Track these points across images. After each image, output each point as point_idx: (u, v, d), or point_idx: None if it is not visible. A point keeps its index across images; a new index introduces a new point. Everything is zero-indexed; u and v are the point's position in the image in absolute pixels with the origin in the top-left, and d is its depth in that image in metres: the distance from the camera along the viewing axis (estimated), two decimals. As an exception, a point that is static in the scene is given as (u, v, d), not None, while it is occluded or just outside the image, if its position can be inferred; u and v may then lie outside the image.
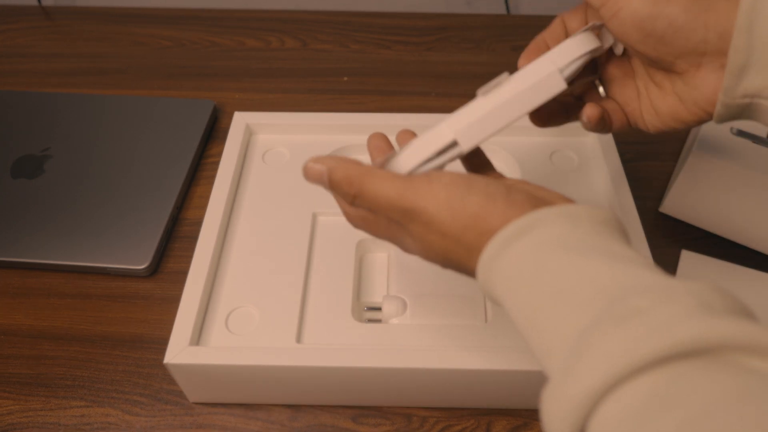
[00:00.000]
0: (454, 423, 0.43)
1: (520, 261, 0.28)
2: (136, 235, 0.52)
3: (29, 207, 0.54)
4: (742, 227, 0.50)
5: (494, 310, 0.43)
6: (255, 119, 0.56)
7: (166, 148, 0.59)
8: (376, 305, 0.45)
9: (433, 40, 0.75)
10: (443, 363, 0.39)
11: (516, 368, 0.39)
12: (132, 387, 0.45)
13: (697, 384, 0.20)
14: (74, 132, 0.60)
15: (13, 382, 0.45)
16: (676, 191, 0.51)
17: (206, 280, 0.44)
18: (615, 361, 0.21)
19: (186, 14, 0.78)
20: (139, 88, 0.68)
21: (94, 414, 0.44)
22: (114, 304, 0.49)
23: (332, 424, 0.43)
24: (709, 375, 0.20)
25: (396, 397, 0.43)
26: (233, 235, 0.49)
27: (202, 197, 0.57)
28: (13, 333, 0.48)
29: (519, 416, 0.43)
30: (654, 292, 0.23)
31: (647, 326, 0.22)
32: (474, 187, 0.30)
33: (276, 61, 0.72)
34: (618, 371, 0.21)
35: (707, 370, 0.20)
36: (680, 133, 0.61)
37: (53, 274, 0.51)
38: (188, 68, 0.71)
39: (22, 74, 0.71)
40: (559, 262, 0.27)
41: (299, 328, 0.43)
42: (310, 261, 0.47)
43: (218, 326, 0.43)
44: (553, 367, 0.25)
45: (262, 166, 0.54)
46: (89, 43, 0.75)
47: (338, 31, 0.76)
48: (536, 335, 0.27)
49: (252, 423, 0.43)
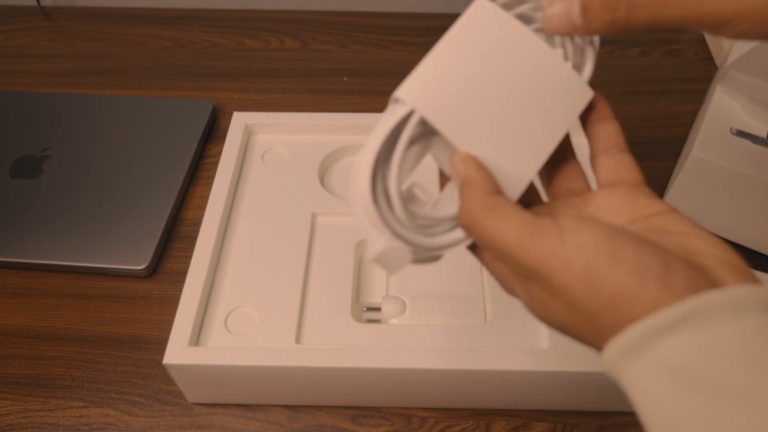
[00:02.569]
0: (454, 423, 0.43)
1: (663, 366, 0.22)
2: (135, 235, 0.52)
3: (28, 207, 0.54)
4: (742, 227, 0.50)
5: (494, 310, 0.43)
6: (254, 119, 0.56)
7: (165, 149, 0.59)
8: (376, 305, 0.45)
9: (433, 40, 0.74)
10: (443, 363, 0.39)
11: (516, 368, 0.39)
12: (131, 387, 0.45)
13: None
14: (73, 132, 0.60)
15: (11, 383, 0.45)
16: (676, 191, 0.51)
17: (205, 281, 0.44)
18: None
19: (186, 14, 0.78)
20: (138, 88, 0.68)
21: (93, 414, 0.43)
22: (113, 305, 0.49)
23: (331, 424, 0.43)
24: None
25: (395, 398, 0.43)
26: (232, 235, 0.49)
27: (202, 197, 0.57)
28: (12, 333, 0.48)
29: (518, 416, 0.43)
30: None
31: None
32: (621, 258, 0.23)
33: (276, 61, 0.72)
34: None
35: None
36: (680, 133, 0.61)
37: (52, 275, 0.51)
38: (188, 68, 0.71)
39: (22, 74, 0.70)
40: (741, 385, 0.20)
41: (298, 328, 0.43)
42: (310, 261, 0.47)
43: (217, 327, 0.43)
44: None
45: (261, 166, 0.54)
46: (89, 43, 0.75)
47: (338, 31, 0.76)
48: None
49: (251, 423, 0.43)
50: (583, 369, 0.39)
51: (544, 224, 0.25)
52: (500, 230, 0.25)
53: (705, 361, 0.21)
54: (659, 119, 0.63)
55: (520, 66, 0.28)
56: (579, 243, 0.24)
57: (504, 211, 0.26)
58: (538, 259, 0.24)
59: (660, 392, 0.22)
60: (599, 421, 0.43)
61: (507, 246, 0.25)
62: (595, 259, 0.23)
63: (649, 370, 0.22)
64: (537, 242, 0.24)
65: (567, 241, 0.24)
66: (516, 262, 0.25)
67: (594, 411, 0.43)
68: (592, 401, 0.42)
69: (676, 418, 0.21)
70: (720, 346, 0.21)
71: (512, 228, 0.25)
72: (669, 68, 0.70)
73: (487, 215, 0.26)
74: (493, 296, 0.44)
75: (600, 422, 0.43)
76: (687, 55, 0.71)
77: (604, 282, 0.23)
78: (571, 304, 0.24)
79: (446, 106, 0.27)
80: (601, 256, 0.23)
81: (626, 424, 0.43)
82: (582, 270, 0.23)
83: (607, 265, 0.23)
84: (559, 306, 0.25)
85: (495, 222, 0.25)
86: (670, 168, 0.58)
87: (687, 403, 0.21)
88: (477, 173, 0.27)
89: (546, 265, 0.24)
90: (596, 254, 0.23)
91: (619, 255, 0.23)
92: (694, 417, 0.21)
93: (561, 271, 0.24)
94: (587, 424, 0.43)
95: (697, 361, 0.21)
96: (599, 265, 0.23)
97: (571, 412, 0.43)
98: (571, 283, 0.23)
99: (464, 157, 0.27)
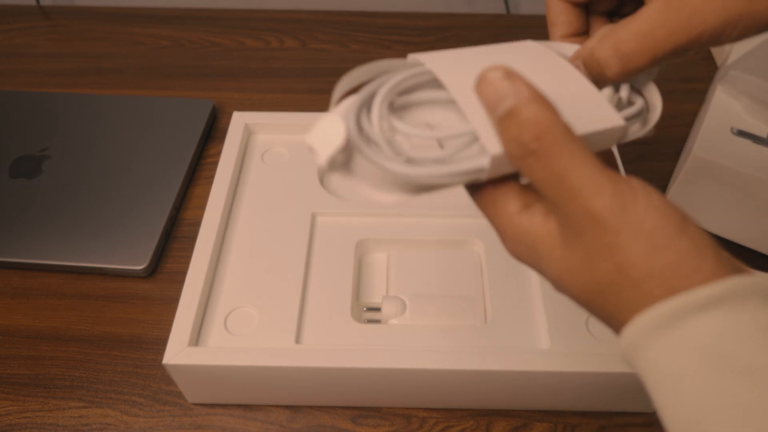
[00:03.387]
0: (454, 424, 0.43)
1: (693, 344, 0.21)
2: (135, 235, 0.52)
3: (28, 207, 0.54)
4: (741, 227, 0.50)
5: (494, 310, 0.43)
6: (254, 119, 0.56)
7: (164, 148, 0.59)
8: (376, 306, 0.45)
9: (433, 40, 0.75)
10: (443, 363, 0.39)
11: (516, 368, 0.39)
12: (130, 388, 0.45)
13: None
14: (73, 132, 0.60)
15: (11, 383, 0.45)
16: (676, 191, 0.51)
17: (205, 281, 0.44)
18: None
19: (185, 14, 0.78)
20: (138, 87, 0.68)
21: (93, 415, 0.43)
22: (113, 305, 0.49)
23: (331, 424, 0.43)
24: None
25: (395, 398, 0.43)
26: (232, 235, 0.49)
27: (201, 197, 0.57)
28: (12, 333, 0.48)
29: (519, 417, 0.43)
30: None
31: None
32: (688, 228, 0.22)
33: (275, 60, 0.72)
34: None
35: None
36: (680, 132, 0.61)
37: (52, 275, 0.51)
38: (187, 68, 0.71)
39: (21, 74, 0.70)
40: (753, 362, 0.20)
41: (298, 328, 0.43)
42: (309, 261, 0.47)
43: (217, 327, 0.43)
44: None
45: (261, 166, 0.54)
46: (88, 43, 0.75)
47: (338, 31, 0.76)
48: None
49: (251, 424, 0.43)
50: (583, 369, 0.39)
51: (615, 174, 0.23)
52: (577, 166, 0.22)
53: (739, 342, 0.20)
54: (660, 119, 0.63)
55: (552, 77, 0.27)
56: (651, 203, 0.22)
57: (579, 146, 0.23)
58: (609, 207, 0.22)
59: (689, 372, 0.21)
60: (600, 422, 0.43)
61: (579, 185, 0.22)
62: (665, 222, 0.22)
63: (679, 348, 0.21)
64: (611, 189, 0.22)
65: (639, 198, 0.22)
66: (581, 207, 0.23)
67: (594, 411, 0.43)
68: (593, 401, 0.42)
69: (705, 399, 0.20)
70: (753, 328, 0.21)
71: (588, 166, 0.22)
72: (670, 68, 0.69)
73: (566, 144, 0.23)
74: (493, 296, 0.44)
75: (600, 422, 0.43)
76: (688, 55, 0.71)
77: (669, 247, 0.22)
78: (622, 265, 0.22)
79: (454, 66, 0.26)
80: (671, 222, 0.22)
81: (627, 424, 0.43)
82: (651, 230, 0.22)
83: (676, 232, 0.22)
84: (608, 265, 0.23)
85: (572, 154, 0.23)
86: (671, 168, 0.58)
87: (717, 382, 0.20)
88: (533, 91, 0.23)
89: (616, 217, 0.22)
90: (666, 218, 0.22)
91: (687, 225, 0.22)
92: (724, 398, 0.20)
93: (629, 226, 0.22)
94: (588, 425, 0.43)
95: (731, 342, 0.21)
96: (668, 230, 0.22)
97: (572, 413, 0.43)
98: (635, 242, 0.22)
99: (507, 72, 0.24)
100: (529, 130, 0.23)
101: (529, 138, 0.23)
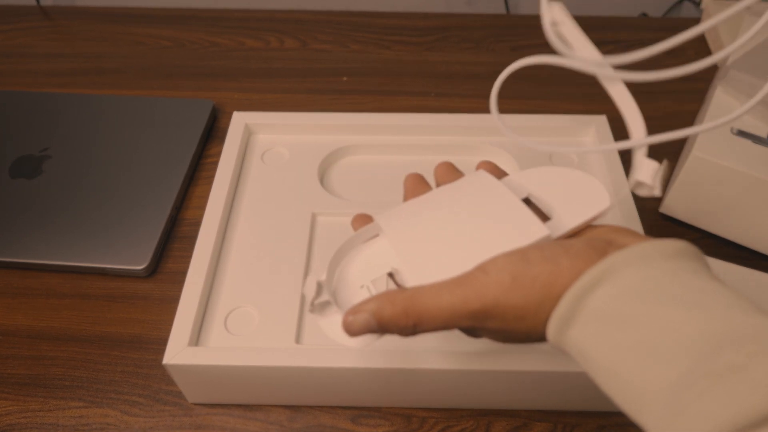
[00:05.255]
0: (454, 424, 0.43)
1: (595, 318, 0.26)
2: (135, 235, 0.52)
3: (28, 207, 0.54)
4: (742, 227, 0.50)
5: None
6: (254, 119, 0.56)
7: (165, 148, 0.59)
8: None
9: (432, 40, 0.75)
10: (443, 363, 0.39)
11: (516, 368, 0.39)
12: (131, 387, 0.45)
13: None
14: (73, 132, 0.60)
15: (11, 383, 0.45)
16: (676, 191, 0.51)
17: (205, 281, 0.44)
18: (716, 423, 0.21)
19: (185, 14, 0.78)
20: (138, 88, 0.68)
21: (93, 415, 0.43)
22: (113, 305, 0.49)
23: (331, 424, 0.43)
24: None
25: (395, 398, 0.43)
26: (232, 235, 0.49)
27: (201, 197, 0.57)
28: (12, 333, 0.48)
29: (518, 417, 0.43)
30: (748, 345, 0.22)
31: (747, 384, 0.21)
32: (531, 258, 0.28)
33: (275, 61, 0.72)
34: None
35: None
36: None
37: (52, 275, 0.51)
38: (187, 68, 0.71)
39: (21, 74, 0.70)
40: (637, 314, 0.25)
41: (298, 328, 0.43)
42: (310, 261, 0.47)
43: (217, 327, 0.43)
44: (648, 424, 0.24)
45: (261, 166, 0.54)
46: (88, 43, 0.75)
47: (338, 31, 0.76)
48: (620, 390, 0.25)
49: (251, 424, 0.43)
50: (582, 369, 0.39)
51: (466, 274, 0.28)
52: (438, 304, 0.28)
53: (622, 303, 0.25)
54: (660, 119, 0.63)
55: (481, 200, 0.33)
56: (496, 265, 0.28)
57: (427, 290, 0.29)
58: (475, 299, 0.28)
59: (596, 343, 0.26)
60: (599, 421, 0.43)
61: (452, 310, 0.28)
62: (514, 268, 0.28)
63: (584, 328, 0.26)
64: (468, 288, 0.28)
65: (488, 271, 0.28)
66: (466, 317, 0.28)
67: (594, 411, 0.43)
68: (592, 401, 0.42)
69: (609, 358, 0.25)
70: (631, 288, 0.26)
71: (445, 294, 0.28)
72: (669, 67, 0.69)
73: (417, 303, 0.29)
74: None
75: (600, 422, 0.43)
76: (687, 55, 0.71)
77: (529, 279, 0.27)
78: (520, 316, 0.28)
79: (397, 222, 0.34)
80: (517, 264, 0.28)
81: (626, 424, 0.43)
82: (511, 282, 0.27)
83: (525, 268, 0.27)
84: (514, 324, 0.28)
85: (428, 301, 0.28)
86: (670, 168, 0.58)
87: (607, 339, 0.25)
88: (374, 302, 0.29)
89: (484, 298, 0.28)
90: (513, 265, 0.28)
91: (529, 257, 0.28)
92: (606, 347, 0.26)
93: (499, 295, 0.27)
94: (587, 424, 0.43)
95: (615, 305, 0.25)
96: (520, 270, 0.27)
97: (571, 412, 0.43)
98: (511, 299, 0.27)
99: (352, 313, 0.30)
100: (398, 320, 0.29)
101: (404, 322, 0.29)
